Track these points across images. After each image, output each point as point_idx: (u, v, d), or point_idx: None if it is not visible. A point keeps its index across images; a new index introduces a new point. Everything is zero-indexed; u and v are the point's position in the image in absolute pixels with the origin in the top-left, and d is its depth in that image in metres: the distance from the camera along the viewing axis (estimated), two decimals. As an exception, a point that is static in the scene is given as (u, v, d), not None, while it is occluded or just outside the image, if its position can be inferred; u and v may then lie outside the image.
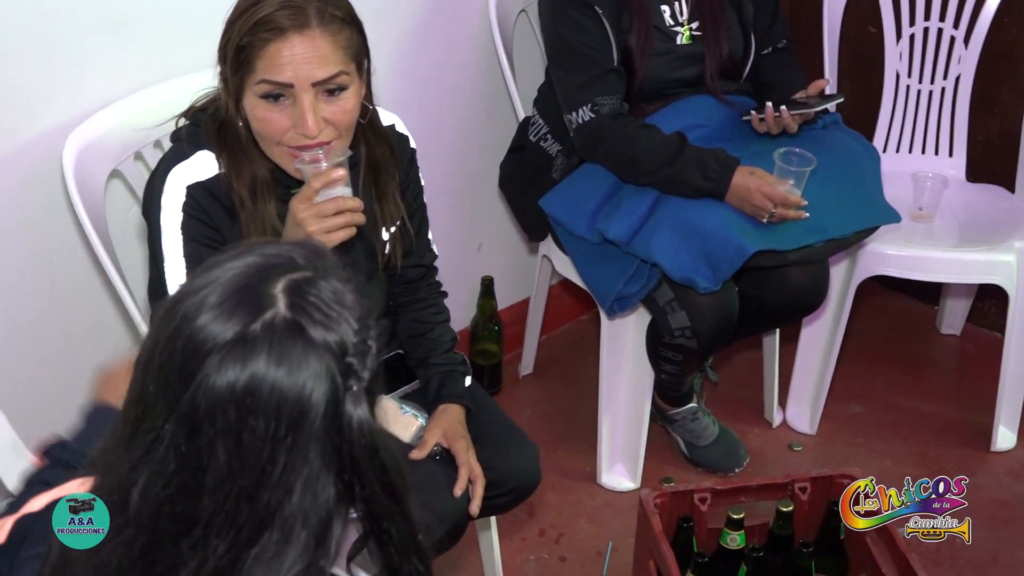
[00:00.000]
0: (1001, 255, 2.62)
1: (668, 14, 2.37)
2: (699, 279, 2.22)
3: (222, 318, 0.97)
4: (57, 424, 2.07)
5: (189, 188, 1.76)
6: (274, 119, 1.69)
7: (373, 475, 1.04)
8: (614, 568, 2.49)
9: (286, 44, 1.63)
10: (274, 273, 1.00)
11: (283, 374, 0.97)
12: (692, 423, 2.74)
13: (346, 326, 1.00)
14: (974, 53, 2.79)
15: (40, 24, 1.94)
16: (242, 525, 0.99)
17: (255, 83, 1.67)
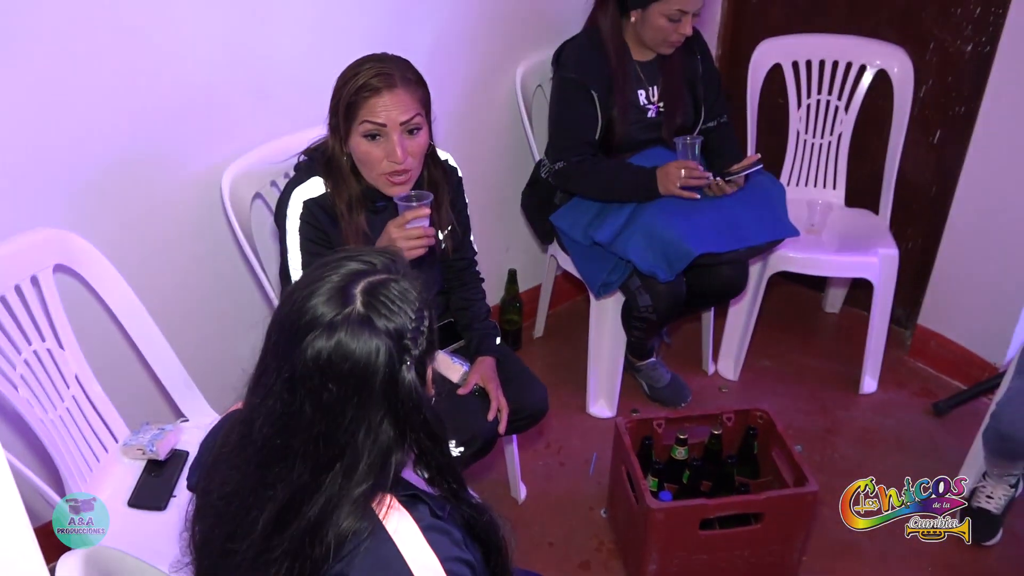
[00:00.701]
0: (868, 258, 2.59)
1: (643, 97, 2.36)
2: (660, 272, 2.22)
3: (322, 307, 0.98)
4: (217, 368, 2.08)
5: (305, 202, 1.78)
6: (373, 152, 1.71)
7: (418, 423, 1.03)
8: (597, 471, 2.48)
9: (381, 99, 1.67)
10: (359, 277, 1.01)
11: (354, 350, 0.97)
12: (652, 371, 2.72)
13: (404, 317, 1.00)
14: (852, 117, 2.75)
15: (207, 93, 1.95)
16: (320, 457, 0.99)
17: (359, 125, 1.69)
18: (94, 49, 1.73)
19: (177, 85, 1.89)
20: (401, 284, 1.03)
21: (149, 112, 1.87)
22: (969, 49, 2.57)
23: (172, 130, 1.92)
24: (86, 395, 1.78)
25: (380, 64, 1.70)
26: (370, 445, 1.00)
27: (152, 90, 1.85)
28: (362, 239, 1.79)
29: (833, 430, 2.64)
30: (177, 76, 1.88)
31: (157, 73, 1.84)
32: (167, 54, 1.84)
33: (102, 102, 1.79)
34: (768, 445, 2.19)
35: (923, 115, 2.72)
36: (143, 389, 2.08)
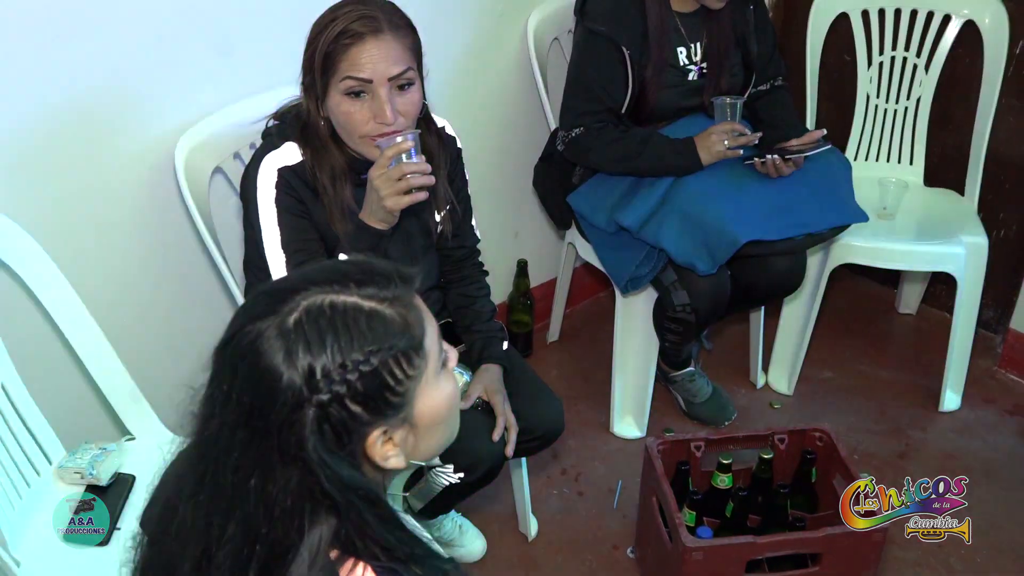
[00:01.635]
0: (951, 248, 2.59)
1: (684, 55, 2.36)
2: (699, 264, 2.23)
3: (263, 299, 1.00)
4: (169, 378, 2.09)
5: (280, 170, 1.78)
6: (356, 112, 1.71)
7: (326, 489, 0.97)
8: (623, 502, 2.49)
9: (365, 47, 1.67)
10: (322, 288, 0.99)
11: (266, 365, 0.96)
12: (690, 383, 2.73)
13: (328, 354, 0.95)
14: (933, 78, 2.76)
15: (158, 47, 1.95)
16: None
17: (340, 81, 1.69)
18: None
19: (121, 38, 1.89)
20: (364, 321, 0.98)
21: (88, 71, 1.87)
22: (1076, -4, 2.57)
23: (117, 91, 1.93)
24: (15, 409, 1.79)
25: (362, 6, 1.69)
26: (272, 492, 0.97)
27: (92, 45, 1.86)
28: (348, 216, 1.79)
29: (907, 455, 2.64)
30: (119, 27, 1.88)
31: (97, 25, 1.85)
32: (109, 1, 1.85)
33: (31, 60, 1.79)
34: (828, 472, 2.20)
35: (1020, 76, 2.72)
36: (83, 402, 2.09)
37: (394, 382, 0.99)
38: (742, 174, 2.30)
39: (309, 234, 1.80)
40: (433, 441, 1.10)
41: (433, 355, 1.05)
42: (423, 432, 1.06)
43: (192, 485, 1.02)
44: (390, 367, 0.98)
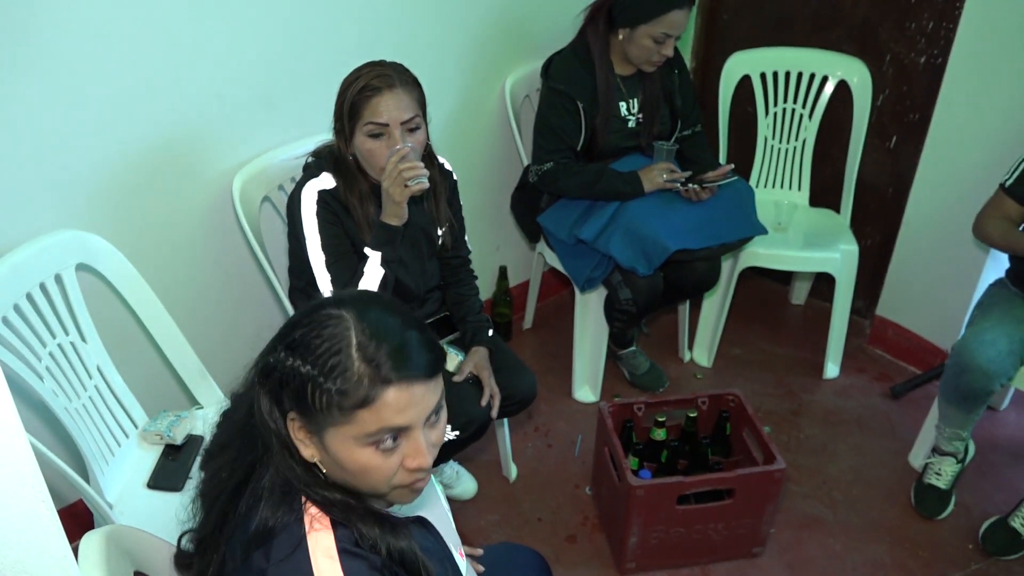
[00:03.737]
0: (831, 254, 2.59)
1: (625, 108, 2.35)
2: (639, 267, 2.21)
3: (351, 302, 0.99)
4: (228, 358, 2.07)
5: (320, 193, 1.77)
6: (376, 150, 1.71)
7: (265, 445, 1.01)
8: (582, 452, 2.48)
9: (382, 99, 1.67)
10: (356, 315, 0.95)
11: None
12: (633, 359, 2.72)
13: (300, 343, 0.94)
14: (815, 124, 2.75)
15: (219, 102, 1.93)
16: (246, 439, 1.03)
17: (363, 126, 1.69)
18: (116, 62, 1.72)
19: (191, 94, 1.87)
20: (341, 353, 0.92)
21: (165, 120, 1.85)
22: (923, 61, 2.57)
23: (186, 137, 1.91)
24: (107, 385, 1.77)
25: (379, 67, 1.70)
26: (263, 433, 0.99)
27: (168, 99, 1.84)
28: (372, 229, 1.79)
29: (799, 412, 2.64)
30: (191, 86, 1.86)
31: (173, 83, 1.83)
32: (182, 66, 1.83)
33: (122, 111, 1.77)
34: (739, 426, 2.20)
35: (880, 122, 2.73)
36: (160, 379, 2.07)
37: (311, 400, 0.93)
38: (671, 198, 2.29)
39: (342, 239, 1.79)
40: (345, 477, 0.98)
41: (360, 427, 0.93)
42: (331, 459, 0.97)
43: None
44: (312, 390, 0.93)
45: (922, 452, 2.39)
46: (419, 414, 0.95)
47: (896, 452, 2.47)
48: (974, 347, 2.03)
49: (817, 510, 2.29)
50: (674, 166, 2.29)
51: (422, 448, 0.96)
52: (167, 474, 1.75)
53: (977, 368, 2.02)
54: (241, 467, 1.01)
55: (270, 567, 0.93)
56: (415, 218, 1.88)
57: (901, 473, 2.40)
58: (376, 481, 0.97)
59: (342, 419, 0.93)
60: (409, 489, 1.00)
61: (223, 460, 1.03)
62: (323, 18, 2.03)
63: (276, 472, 0.98)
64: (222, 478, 1.02)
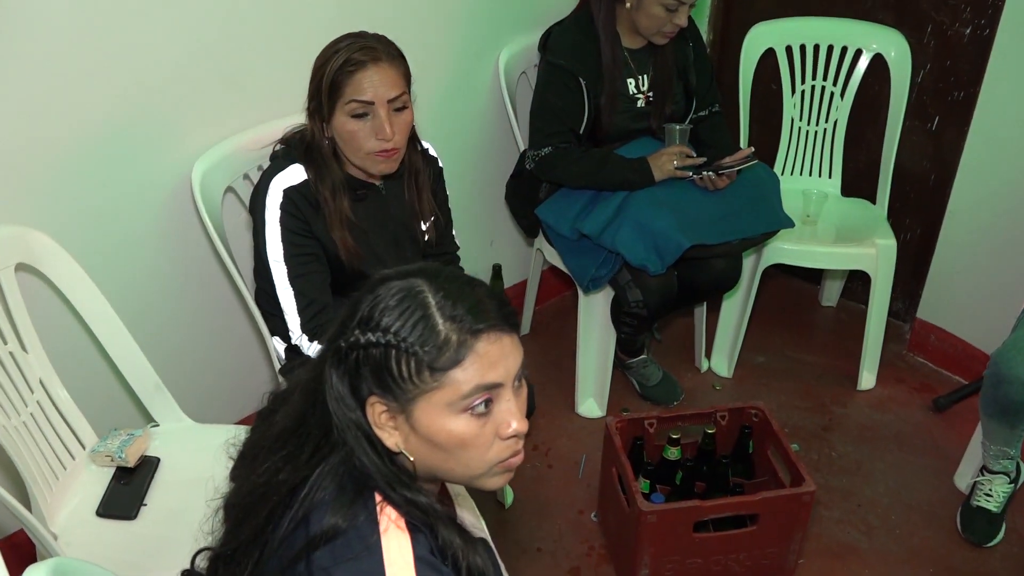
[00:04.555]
0: (865, 249, 2.60)
1: (633, 85, 2.36)
2: (650, 265, 2.22)
3: (404, 274, 1.05)
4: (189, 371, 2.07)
5: (285, 191, 1.77)
6: (360, 131, 1.72)
7: (339, 425, 1.03)
8: (587, 473, 2.48)
9: (367, 73, 1.68)
10: (433, 284, 1.02)
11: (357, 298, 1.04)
12: (643, 369, 2.73)
13: (377, 314, 0.99)
14: (848, 104, 2.77)
15: (177, 81, 1.93)
16: (310, 436, 1.05)
17: (345, 104, 1.69)
18: (56, 41, 1.71)
19: (144, 76, 1.87)
20: (418, 317, 0.99)
21: (115, 104, 1.85)
22: (968, 32, 2.59)
23: (139, 122, 1.91)
24: (51, 400, 1.76)
25: (361, 39, 1.70)
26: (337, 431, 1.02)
27: (118, 81, 1.83)
28: (346, 225, 1.79)
29: (830, 427, 2.65)
30: (144, 66, 1.86)
31: (123, 64, 1.82)
32: (133, 44, 1.82)
33: (65, 94, 1.77)
34: (763, 444, 2.20)
35: (921, 101, 2.74)
36: (112, 393, 2.06)
37: (396, 372, 0.98)
38: (686, 187, 2.30)
39: (308, 249, 1.79)
40: (433, 458, 1.03)
41: (453, 389, 0.98)
42: (421, 440, 1.02)
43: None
44: (400, 359, 0.98)
45: (969, 471, 2.39)
46: (509, 369, 1.01)
47: (940, 472, 2.48)
48: (1012, 356, 2.05)
49: (851, 537, 2.29)
50: (688, 149, 2.29)
51: (515, 410, 1.02)
52: (119, 500, 1.74)
53: (1016, 379, 2.02)
54: (302, 467, 1.02)
55: (336, 566, 0.95)
56: (395, 212, 1.88)
57: (946, 495, 2.41)
58: (472, 457, 1.02)
59: (434, 384, 0.98)
60: (504, 467, 1.05)
61: (272, 463, 1.03)
62: (294, -14, 2.04)
63: (348, 469, 1.01)
64: (277, 481, 1.02)
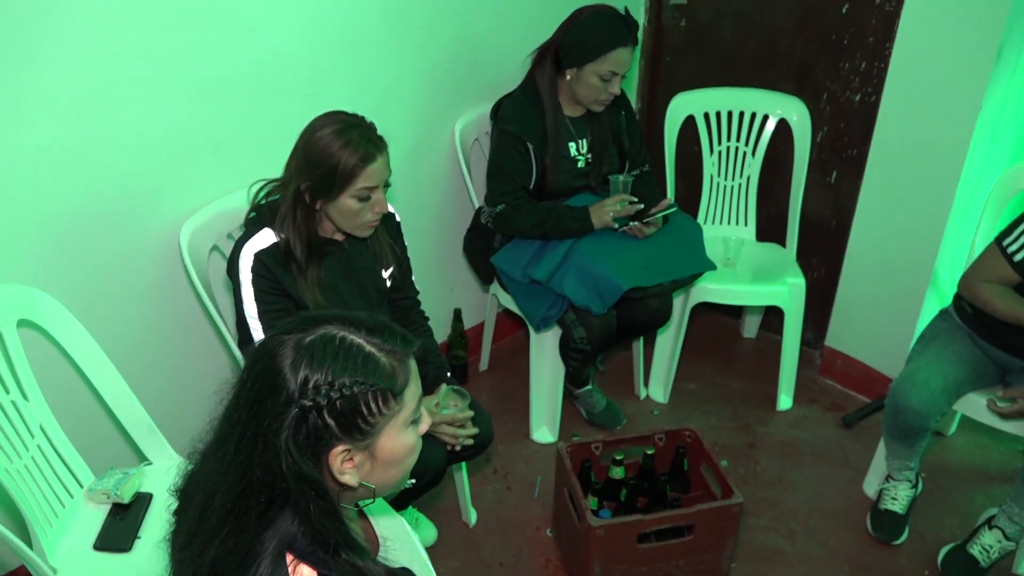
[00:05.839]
0: (779, 287, 2.65)
1: (574, 148, 2.40)
2: (593, 306, 2.23)
3: (297, 328, 1.00)
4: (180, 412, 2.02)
5: (256, 254, 1.75)
6: (361, 209, 1.73)
7: (289, 482, 0.96)
8: (542, 493, 2.46)
9: (376, 164, 1.70)
10: (335, 325, 1.00)
11: (276, 366, 0.96)
12: (589, 398, 2.73)
13: (322, 372, 0.95)
14: (759, 161, 2.83)
15: (166, 147, 1.92)
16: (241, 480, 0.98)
17: (355, 190, 1.70)
18: (56, 108, 1.70)
19: (137, 144, 1.85)
20: (361, 358, 0.97)
21: (110, 169, 1.83)
22: (858, 99, 2.67)
23: (132, 186, 1.88)
24: (51, 443, 1.71)
25: (365, 129, 1.70)
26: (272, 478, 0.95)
27: (113, 148, 1.82)
28: (317, 284, 1.78)
29: (755, 445, 2.67)
30: (136, 134, 1.84)
31: (118, 132, 1.81)
32: (127, 115, 1.81)
33: (65, 160, 1.75)
34: (697, 461, 2.21)
35: (821, 158, 2.82)
36: (107, 435, 2.01)
37: (367, 412, 0.98)
38: (622, 237, 2.33)
39: (279, 305, 1.77)
40: (387, 476, 1.05)
41: (408, 407, 1.02)
42: (380, 464, 1.02)
43: (209, 446, 1.03)
44: (367, 399, 0.97)
45: (876, 480, 2.43)
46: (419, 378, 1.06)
47: (851, 481, 2.51)
48: (908, 388, 2.12)
49: (776, 542, 2.31)
50: (630, 197, 2.31)
51: (423, 410, 1.10)
52: (114, 534, 1.69)
53: (911, 409, 2.10)
54: (252, 538, 0.96)
55: None
56: (359, 264, 1.88)
57: (857, 501, 2.44)
58: (412, 462, 1.07)
59: (397, 407, 1.00)
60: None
61: (221, 541, 0.97)
62: (273, 62, 2.04)
63: (281, 537, 0.96)
64: (228, 556, 0.96)
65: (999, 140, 2.50)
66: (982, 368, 2.15)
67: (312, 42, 2.11)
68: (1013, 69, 2.35)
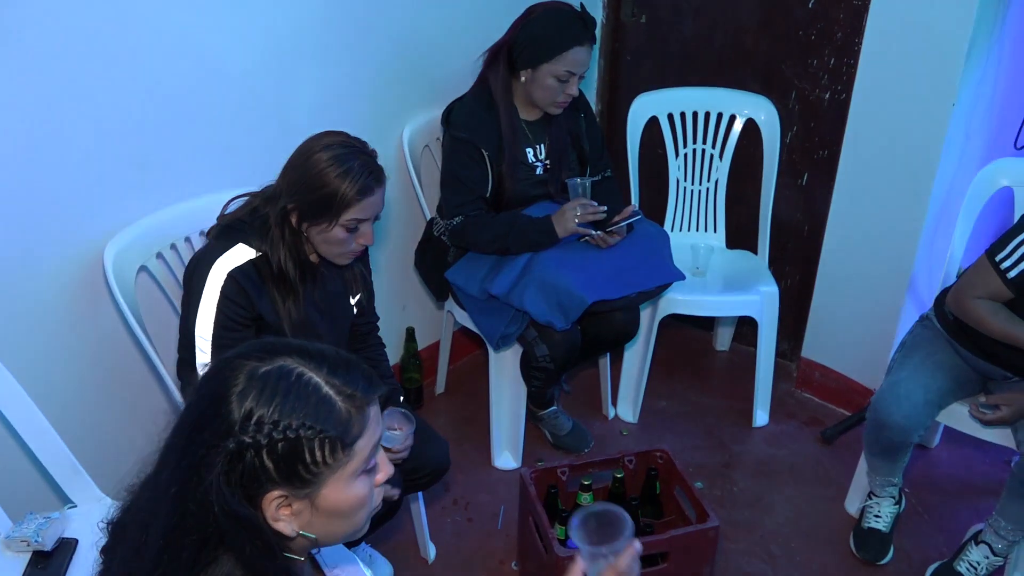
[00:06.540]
0: (751, 296, 2.67)
1: (531, 154, 2.40)
2: (556, 322, 2.23)
3: (256, 354, 0.98)
4: (107, 450, 1.97)
5: (231, 273, 1.72)
6: (347, 239, 1.72)
7: (218, 516, 0.93)
8: (506, 524, 2.45)
9: (374, 197, 1.71)
10: (296, 358, 0.97)
11: (223, 392, 0.94)
12: (554, 420, 2.72)
13: (269, 408, 0.92)
14: (727, 164, 2.86)
15: (87, 164, 1.88)
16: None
17: (346, 220, 1.69)
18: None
19: (53, 160, 1.81)
20: (315, 399, 0.94)
21: (21, 188, 1.78)
22: (827, 97, 2.72)
23: (50, 203, 1.84)
24: (-39, 488, 1.66)
25: (366, 156, 1.70)
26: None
27: (29, 161, 1.77)
28: (300, 302, 1.78)
29: (731, 464, 2.68)
30: (54, 151, 1.80)
31: (31, 149, 1.76)
32: (43, 130, 1.77)
33: (-29, 179, 1.70)
34: (670, 484, 2.22)
35: (791, 159, 2.86)
36: (26, 476, 1.95)
37: (310, 460, 0.94)
38: (585, 248, 2.34)
39: (239, 335, 1.74)
40: (330, 528, 1.01)
41: (360, 457, 0.97)
42: (322, 516, 0.98)
43: (149, 475, 0.99)
44: (312, 446, 0.93)
45: (857, 497, 2.45)
46: (380, 422, 1.03)
47: (832, 499, 2.53)
48: (889, 403, 2.15)
49: (756, 567, 2.31)
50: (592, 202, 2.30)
51: (385, 457, 1.06)
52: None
53: (893, 424, 2.14)
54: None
55: None
56: (330, 288, 1.87)
57: (839, 521, 2.46)
58: (364, 513, 1.03)
59: (346, 459, 0.96)
60: (374, 512, 1.07)
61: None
62: (204, 73, 2.01)
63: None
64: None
65: (974, 137, 2.55)
66: (964, 377, 2.19)
67: (246, 50, 2.08)
68: (986, 61, 2.41)
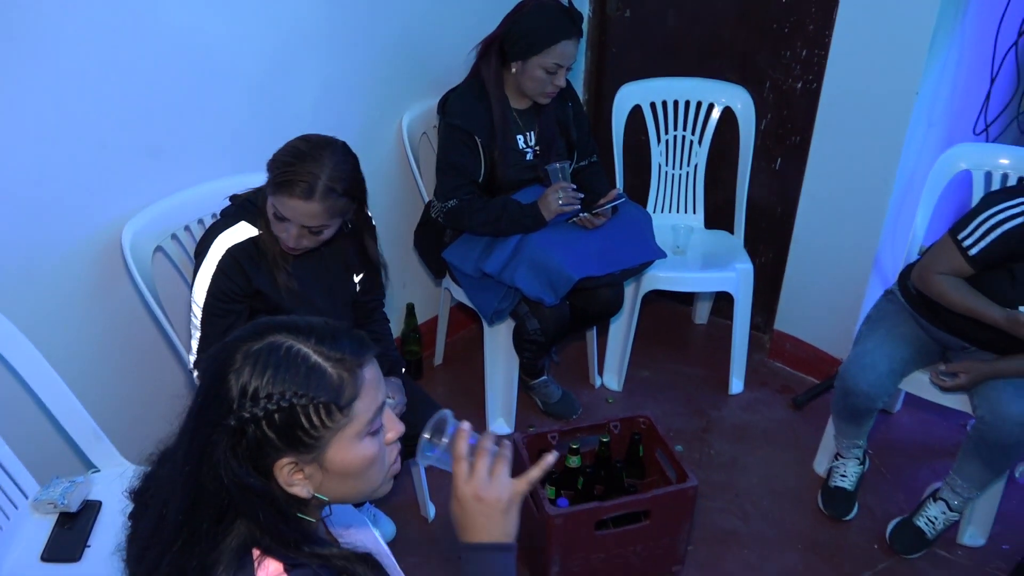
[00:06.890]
0: (728, 273, 2.69)
1: (522, 141, 2.40)
2: (545, 298, 2.25)
3: (250, 335, 0.97)
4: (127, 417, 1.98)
5: (229, 249, 1.74)
6: (278, 226, 1.72)
7: (226, 487, 0.93)
8: (500, 485, 2.47)
9: (292, 201, 1.66)
10: (284, 334, 0.96)
11: (221, 372, 0.94)
12: (545, 389, 2.74)
13: (263, 381, 0.92)
14: (705, 150, 2.87)
15: (101, 151, 1.87)
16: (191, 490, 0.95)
17: (272, 206, 1.69)
18: (-15, 115, 1.65)
19: (73, 146, 1.81)
20: (304, 369, 0.93)
21: (44, 173, 1.78)
22: (799, 86, 2.72)
23: (70, 189, 1.84)
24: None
25: (314, 164, 1.63)
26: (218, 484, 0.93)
27: (47, 150, 1.77)
28: (291, 278, 1.79)
29: (708, 429, 2.71)
30: (73, 137, 1.80)
31: (53, 135, 1.76)
32: (63, 116, 1.76)
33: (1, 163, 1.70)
34: (652, 448, 2.24)
35: (765, 145, 2.86)
36: (52, 443, 1.96)
37: (308, 425, 0.93)
38: (572, 228, 2.34)
39: (230, 307, 1.76)
40: (345, 488, 1.01)
41: (361, 419, 0.97)
42: (333, 477, 0.98)
43: (168, 448, 1.00)
44: (308, 412, 0.93)
45: (825, 458, 2.49)
46: (382, 388, 1.02)
47: (801, 461, 2.57)
48: (856, 371, 2.18)
49: (731, 524, 2.35)
50: (572, 186, 2.31)
51: (394, 417, 1.07)
52: (63, 544, 1.65)
53: (860, 392, 2.17)
54: (205, 549, 0.94)
55: None
56: (330, 264, 1.88)
57: (808, 481, 2.49)
58: (377, 472, 1.03)
59: (345, 420, 0.96)
60: (392, 472, 1.08)
61: (172, 556, 0.94)
62: (214, 61, 2.00)
63: (241, 542, 0.94)
64: (185, 568, 0.94)
65: (935, 123, 2.57)
66: (925, 348, 2.22)
67: (255, 40, 2.07)
68: (947, 54, 2.42)
